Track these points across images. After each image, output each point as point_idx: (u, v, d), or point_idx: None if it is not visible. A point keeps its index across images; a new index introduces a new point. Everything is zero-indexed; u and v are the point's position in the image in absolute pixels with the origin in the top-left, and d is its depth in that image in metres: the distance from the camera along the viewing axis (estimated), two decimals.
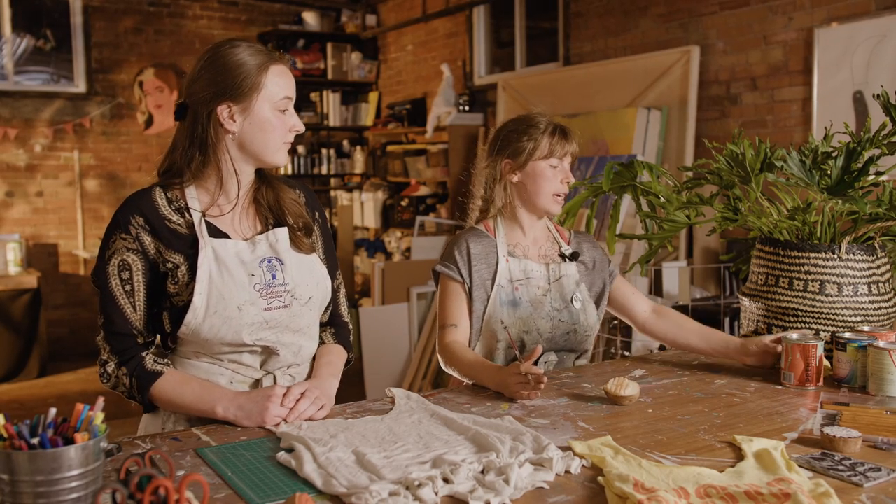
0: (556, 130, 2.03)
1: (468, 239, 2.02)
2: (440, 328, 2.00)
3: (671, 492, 1.16)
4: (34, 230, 6.46)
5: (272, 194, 1.67)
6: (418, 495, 1.14)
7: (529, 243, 2.08)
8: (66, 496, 1.04)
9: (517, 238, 2.07)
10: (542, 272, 2.03)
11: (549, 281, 2.03)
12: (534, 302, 2.00)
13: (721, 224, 2.19)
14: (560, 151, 2.02)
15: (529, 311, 1.99)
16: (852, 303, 1.96)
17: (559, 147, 2.01)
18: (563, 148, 2.02)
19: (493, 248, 2.02)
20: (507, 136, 2.06)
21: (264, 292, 1.58)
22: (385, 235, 6.61)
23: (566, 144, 2.03)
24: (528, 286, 2.01)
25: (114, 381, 1.57)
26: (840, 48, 3.64)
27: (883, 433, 1.43)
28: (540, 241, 2.09)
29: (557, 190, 2.02)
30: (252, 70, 1.56)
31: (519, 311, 1.99)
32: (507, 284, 1.99)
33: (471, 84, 6.08)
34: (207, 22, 7.04)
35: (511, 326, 1.98)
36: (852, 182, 1.95)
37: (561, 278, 2.04)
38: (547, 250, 2.09)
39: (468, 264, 1.99)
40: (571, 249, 2.09)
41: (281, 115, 1.60)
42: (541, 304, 2.00)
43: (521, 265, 2.02)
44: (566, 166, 2.04)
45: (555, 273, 2.04)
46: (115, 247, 1.56)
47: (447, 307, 2.00)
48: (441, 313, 2.01)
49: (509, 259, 2.02)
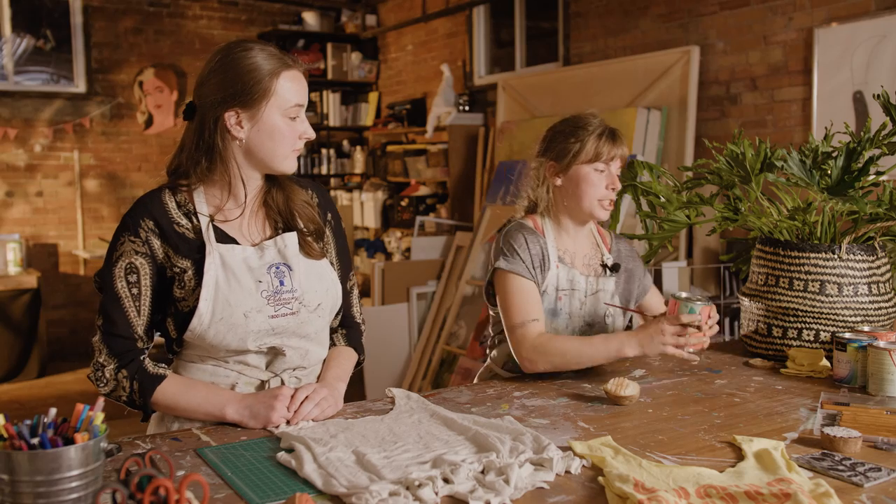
0: (604, 133, 1.92)
1: (525, 234, 1.92)
2: (517, 327, 1.85)
3: (671, 492, 1.16)
4: (34, 230, 6.46)
5: (282, 197, 1.64)
6: (418, 495, 1.14)
7: (577, 250, 1.99)
8: (66, 496, 1.04)
9: (565, 243, 1.98)
10: (584, 284, 1.95)
11: (587, 293, 1.96)
12: (572, 314, 1.95)
13: (721, 224, 2.19)
14: (607, 155, 1.91)
15: (566, 322, 1.94)
16: (852, 303, 1.96)
17: (606, 150, 1.91)
18: (610, 151, 1.91)
19: (545, 249, 1.93)
20: (554, 136, 1.97)
21: (272, 299, 1.56)
22: (385, 235, 6.61)
23: (614, 147, 1.92)
24: (571, 298, 1.94)
25: (112, 384, 1.52)
26: (840, 48, 3.64)
27: (883, 433, 1.43)
28: (585, 248, 2.01)
29: (602, 196, 1.92)
30: (263, 76, 1.51)
31: (556, 321, 1.93)
32: (553, 292, 1.92)
33: (471, 84, 6.08)
34: (207, 22, 7.04)
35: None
36: (852, 182, 1.95)
37: (598, 293, 1.97)
38: (590, 258, 2.01)
39: (531, 261, 1.90)
40: (613, 259, 2.02)
41: (291, 122, 1.56)
42: (577, 318, 1.95)
43: (568, 274, 1.94)
44: (613, 171, 1.94)
45: (592, 286, 1.97)
46: (123, 249, 1.53)
47: (522, 303, 1.86)
48: (513, 311, 1.87)
49: (559, 266, 1.93)
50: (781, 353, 2.01)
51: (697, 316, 1.67)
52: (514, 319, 1.86)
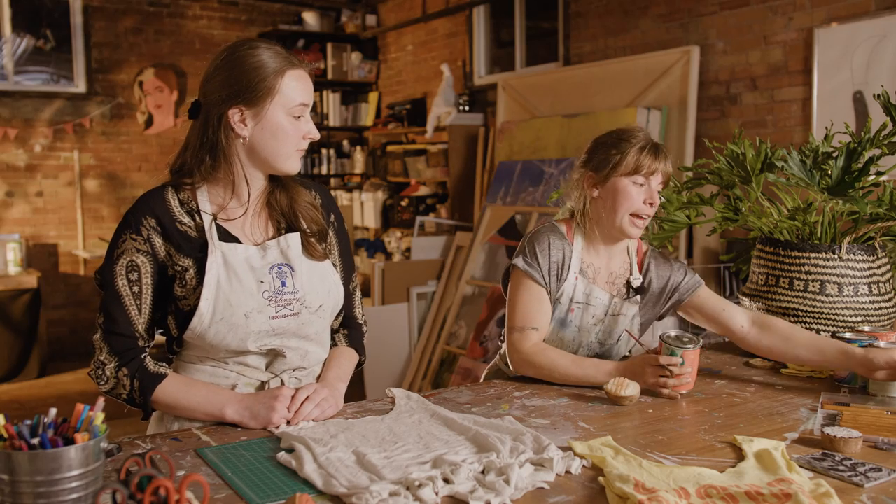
0: (647, 146, 1.86)
1: (551, 238, 1.90)
2: (515, 330, 1.86)
3: (672, 492, 1.15)
4: (34, 230, 6.46)
5: (286, 198, 1.63)
6: (418, 495, 1.14)
7: (602, 266, 1.95)
8: (66, 496, 1.04)
9: (591, 258, 1.94)
10: (604, 301, 1.91)
11: (606, 313, 1.92)
12: (582, 329, 1.92)
13: (721, 224, 2.19)
14: (647, 168, 1.84)
15: (574, 335, 1.92)
16: (853, 303, 1.96)
17: (647, 163, 1.84)
18: (651, 165, 1.85)
19: (569, 258, 1.90)
20: (597, 147, 1.93)
21: (273, 300, 1.55)
22: (385, 235, 6.61)
23: (655, 161, 1.85)
24: (584, 312, 1.91)
25: (113, 382, 1.52)
26: (840, 48, 3.64)
27: (883, 433, 1.43)
28: (613, 265, 1.96)
29: (638, 210, 1.86)
30: (268, 74, 1.51)
31: (564, 332, 1.91)
32: (566, 303, 1.90)
33: (471, 84, 6.08)
34: (207, 22, 7.04)
35: (550, 342, 1.91)
36: (853, 182, 1.95)
37: (618, 316, 1.93)
38: (617, 277, 1.96)
39: (549, 267, 1.88)
40: (640, 280, 1.96)
41: (295, 121, 1.56)
42: (587, 333, 1.93)
43: (586, 289, 1.91)
44: (654, 186, 1.87)
45: (615, 308, 1.92)
46: (124, 247, 1.53)
47: (526, 307, 1.87)
48: (517, 313, 1.87)
49: (578, 278, 1.90)
50: None
51: (677, 359, 1.69)
52: (515, 321, 1.87)
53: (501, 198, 5.08)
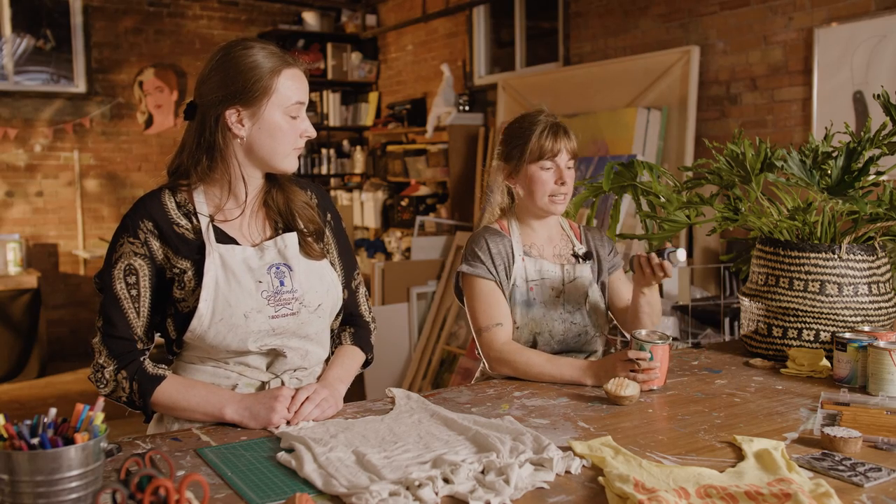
0: (546, 129, 1.94)
1: (487, 237, 1.98)
2: (482, 331, 1.92)
3: (671, 492, 1.15)
4: (34, 230, 6.46)
5: (283, 198, 1.64)
6: (418, 495, 1.14)
7: (544, 242, 2.04)
8: (66, 496, 1.04)
9: (531, 237, 2.03)
10: (557, 273, 2.00)
11: (564, 283, 2.00)
12: (547, 303, 1.97)
13: (721, 224, 2.19)
14: (550, 151, 1.94)
15: (542, 312, 1.97)
16: (852, 303, 1.96)
17: (549, 145, 1.94)
18: (553, 147, 1.94)
19: (510, 246, 1.99)
20: (504, 140, 2.03)
21: (272, 299, 1.55)
22: (385, 235, 6.61)
23: (556, 142, 1.94)
24: (542, 287, 1.98)
25: (112, 385, 1.52)
26: (840, 48, 3.64)
27: (883, 433, 1.43)
28: (555, 240, 2.06)
29: (553, 191, 1.96)
30: (264, 73, 1.51)
31: (532, 311, 1.96)
32: (523, 284, 1.96)
33: (471, 84, 6.08)
34: (207, 22, 7.04)
35: (524, 327, 1.96)
36: (852, 182, 1.95)
37: (575, 280, 2.01)
38: (561, 249, 2.06)
39: (492, 261, 1.95)
40: (584, 249, 2.07)
41: (292, 120, 1.56)
42: (554, 306, 1.98)
43: (536, 265, 1.99)
44: (562, 165, 1.96)
45: (569, 275, 2.01)
46: (122, 250, 1.54)
47: (485, 307, 1.93)
48: (479, 315, 1.93)
49: (525, 258, 1.98)
50: (781, 353, 2.01)
51: (646, 354, 1.72)
52: (479, 323, 1.94)
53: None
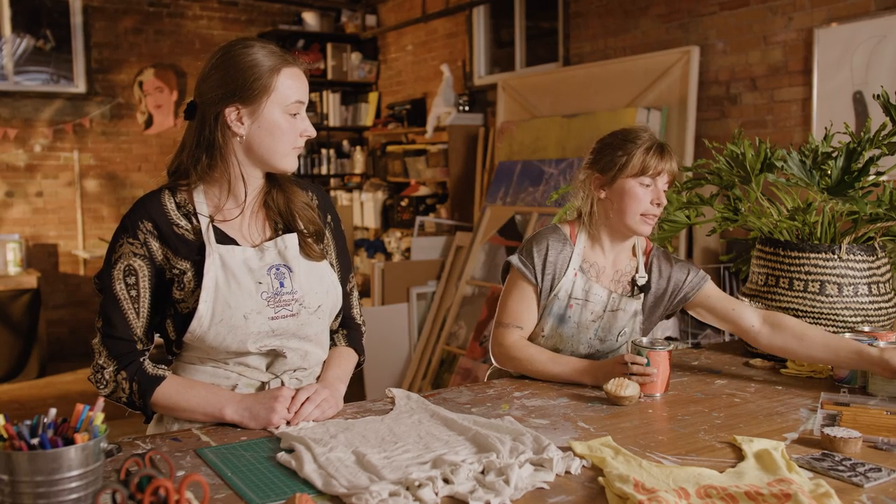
0: (652, 147, 1.88)
1: (550, 240, 1.94)
2: (502, 325, 1.93)
3: (671, 492, 1.15)
4: (34, 230, 6.45)
5: (283, 198, 1.64)
6: (418, 496, 1.14)
7: (607, 264, 1.96)
8: (66, 496, 1.04)
9: (594, 257, 1.96)
10: (603, 298, 1.92)
11: (605, 309, 1.93)
12: (581, 325, 1.93)
13: (721, 224, 2.19)
14: (654, 169, 1.87)
15: (573, 331, 1.93)
16: (852, 303, 1.96)
17: (653, 164, 1.86)
18: (657, 165, 1.87)
19: (569, 257, 1.93)
20: (602, 148, 1.94)
21: (272, 300, 1.55)
22: (385, 236, 6.61)
23: (661, 162, 1.87)
24: (583, 308, 1.92)
25: (112, 386, 1.52)
26: (840, 48, 3.64)
27: (883, 433, 1.43)
28: (619, 264, 1.97)
29: (646, 210, 1.88)
30: (263, 72, 1.52)
31: (563, 328, 1.93)
32: (565, 298, 1.92)
33: (470, 84, 6.08)
34: (207, 22, 7.04)
35: (549, 338, 1.94)
36: (852, 182, 1.95)
37: (617, 311, 1.93)
38: (623, 275, 1.97)
39: (543, 267, 1.91)
40: (645, 279, 1.96)
41: (291, 119, 1.56)
42: (586, 330, 1.94)
43: (586, 285, 1.92)
44: (660, 186, 1.89)
45: (614, 303, 1.93)
46: (121, 251, 1.54)
47: (514, 305, 1.93)
48: (505, 310, 1.94)
49: (578, 274, 1.92)
50: None
51: (642, 359, 1.72)
52: (503, 317, 1.95)
53: (501, 198, 5.08)
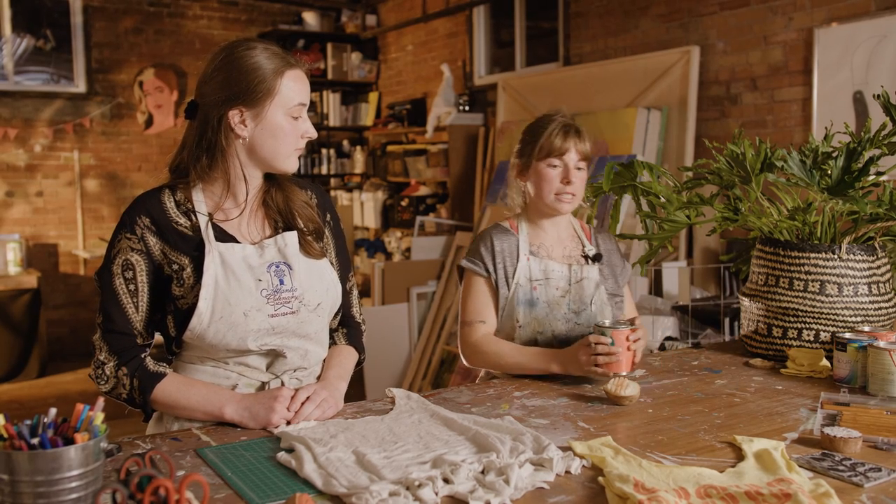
0: (556, 128, 1.98)
1: (492, 235, 2.03)
2: (465, 325, 1.99)
3: (671, 492, 1.16)
4: (34, 230, 6.46)
5: (282, 197, 1.64)
6: (418, 495, 1.14)
7: (553, 242, 2.05)
8: (66, 496, 1.04)
9: (540, 237, 2.05)
10: (564, 273, 2.01)
11: (570, 282, 2.01)
12: (551, 303, 1.99)
13: (721, 224, 2.19)
14: (558, 150, 1.96)
15: (546, 311, 1.98)
16: (852, 303, 1.96)
17: (558, 144, 1.96)
18: (561, 146, 1.96)
19: (516, 245, 2.02)
20: (521, 138, 2.06)
21: (271, 298, 1.55)
22: (385, 235, 6.61)
23: (565, 141, 1.97)
24: (546, 286, 1.99)
25: (113, 382, 1.53)
26: (840, 48, 3.64)
27: (883, 433, 1.43)
28: (564, 241, 2.07)
29: (559, 190, 1.97)
30: (267, 74, 1.52)
31: (535, 311, 1.98)
32: (526, 283, 1.98)
33: (471, 84, 6.08)
34: (207, 22, 7.04)
35: (526, 326, 1.97)
36: (852, 182, 1.95)
37: (582, 280, 2.01)
38: (571, 250, 2.06)
39: (493, 259, 1.99)
40: (594, 250, 2.07)
41: (294, 121, 1.57)
42: (558, 306, 1.99)
43: (541, 265, 2.00)
44: (570, 165, 1.97)
45: (576, 275, 2.01)
46: (119, 246, 1.54)
47: (473, 303, 1.99)
48: (466, 309, 2.00)
49: (530, 258, 2.01)
50: (781, 354, 2.01)
51: (607, 339, 1.74)
52: (464, 316, 2.01)
53: (501, 198, 5.08)
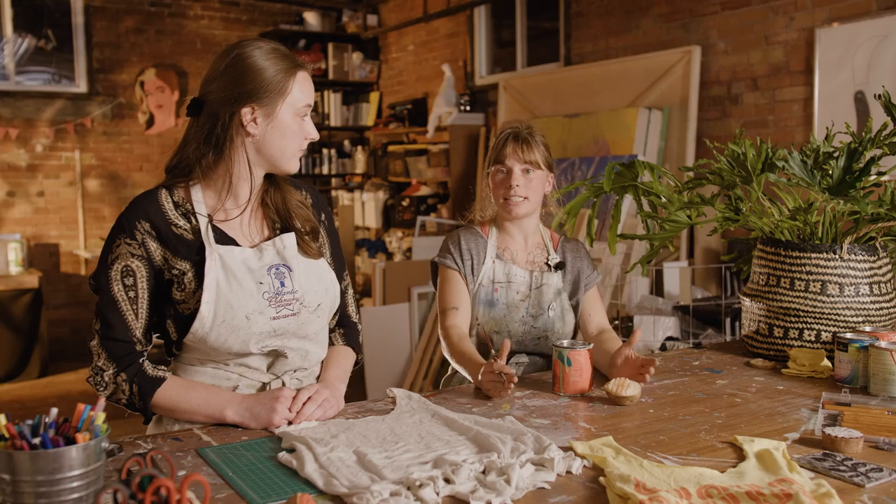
0: (505, 138, 2.08)
1: (461, 233, 2.14)
2: (441, 312, 2.08)
3: (672, 492, 1.15)
4: (35, 230, 6.46)
5: (279, 197, 1.65)
6: (419, 495, 1.14)
7: (519, 248, 2.15)
8: (67, 496, 1.04)
9: (506, 242, 2.15)
10: (525, 278, 2.11)
11: (531, 287, 2.11)
12: (510, 305, 2.08)
13: (722, 224, 2.19)
14: (503, 158, 2.06)
15: (504, 312, 2.08)
16: (854, 303, 1.96)
17: (502, 154, 2.07)
18: (503, 152, 2.06)
19: (483, 247, 2.12)
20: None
21: (273, 300, 1.55)
22: (386, 235, 6.61)
23: (506, 148, 2.06)
24: (507, 289, 2.09)
25: (112, 388, 1.51)
26: (841, 48, 3.64)
27: (884, 433, 1.43)
28: (531, 248, 2.16)
29: (505, 195, 2.07)
30: (280, 74, 1.53)
31: (493, 311, 2.08)
32: (488, 284, 2.09)
33: (472, 84, 6.08)
34: (208, 22, 7.04)
35: (484, 324, 2.07)
36: (854, 182, 1.95)
37: (542, 286, 2.11)
38: (536, 257, 2.16)
39: (461, 255, 2.10)
40: (557, 259, 2.15)
41: (300, 121, 1.58)
42: (516, 309, 2.08)
43: (505, 268, 2.10)
44: (516, 172, 2.05)
45: (537, 280, 2.11)
46: (118, 251, 1.53)
47: (446, 292, 2.09)
48: (441, 298, 2.09)
49: (496, 261, 2.11)
50: (783, 354, 2.01)
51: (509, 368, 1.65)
52: (441, 304, 2.09)
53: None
